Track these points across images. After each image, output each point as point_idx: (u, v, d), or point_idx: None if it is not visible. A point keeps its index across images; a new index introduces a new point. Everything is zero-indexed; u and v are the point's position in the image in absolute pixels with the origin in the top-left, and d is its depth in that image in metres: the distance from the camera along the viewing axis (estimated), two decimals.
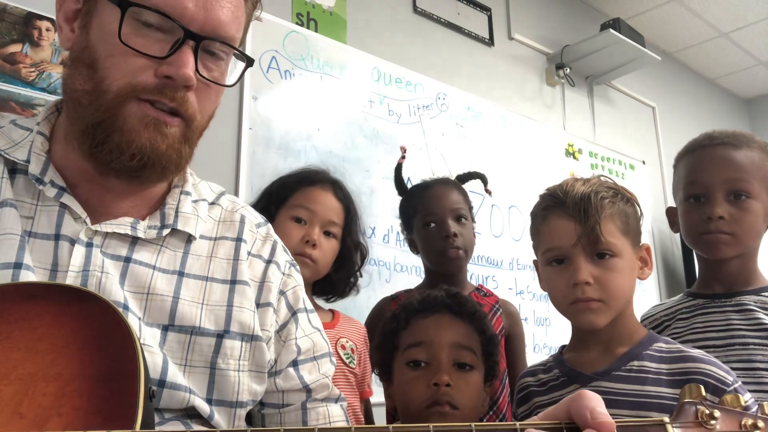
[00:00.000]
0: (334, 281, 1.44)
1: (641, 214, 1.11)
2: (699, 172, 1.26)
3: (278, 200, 1.40)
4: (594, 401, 0.57)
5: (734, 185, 1.21)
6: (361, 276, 1.51)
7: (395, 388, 1.12)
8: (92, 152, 0.73)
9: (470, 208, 1.64)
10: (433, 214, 1.57)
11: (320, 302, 1.51)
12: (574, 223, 1.04)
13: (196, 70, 0.73)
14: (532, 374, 1.15)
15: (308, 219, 1.37)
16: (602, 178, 1.13)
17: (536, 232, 1.13)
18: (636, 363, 1.02)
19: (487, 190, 1.81)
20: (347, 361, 1.39)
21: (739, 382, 0.97)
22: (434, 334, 1.10)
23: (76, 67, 0.74)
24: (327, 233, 1.38)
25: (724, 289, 1.26)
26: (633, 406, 0.98)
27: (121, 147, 0.72)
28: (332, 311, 1.49)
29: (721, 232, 1.21)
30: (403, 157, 1.85)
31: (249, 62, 0.82)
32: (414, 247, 1.65)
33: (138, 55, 0.71)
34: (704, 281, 1.30)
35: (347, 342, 1.42)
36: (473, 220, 1.65)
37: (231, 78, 0.81)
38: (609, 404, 0.98)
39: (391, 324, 1.17)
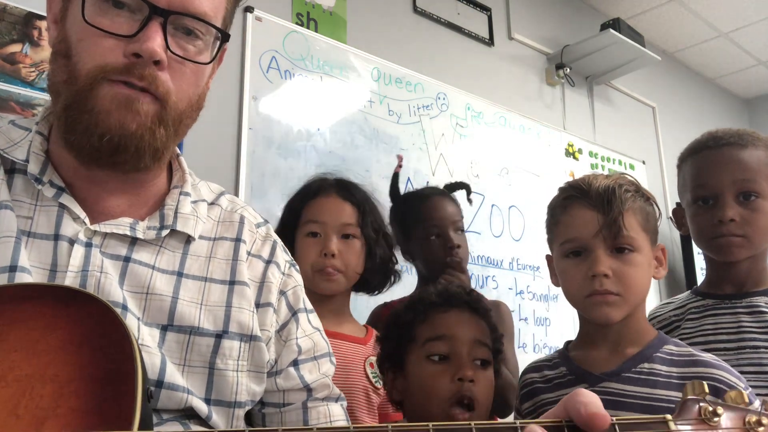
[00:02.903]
0: (367, 278, 1.41)
1: (660, 214, 1.11)
2: (706, 174, 1.24)
3: (292, 225, 1.39)
4: (588, 397, 0.57)
5: (743, 186, 1.20)
6: (397, 262, 1.49)
7: (411, 381, 1.11)
8: (67, 137, 0.73)
9: (462, 218, 1.67)
10: (435, 226, 1.58)
11: (362, 300, 1.48)
12: (596, 214, 1.03)
13: (168, 48, 0.72)
14: (537, 370, 1.15)
15: (321, 231, 1.35)
16: (626, 175, 1.13)
17: (555, 223, 1.11)
18: (646, 365, 1.01)
19: (468, 200, 1.83)
20: (374, 380, 1.35)
21: (750, 389, 0.96)
22: (456, 329, 1.10)
23: (55, 60, 0.75)
24: (345, 236, 1.36)
25: (734, 290, 1.24)
26: (642, 409, 0.97)
27: (90, 128, 0.71)
28: (366, 327, 1.46)
29: (734, 234, 1.20)
30: (400, 166, 1.86)
31: (225, 38, 0.80)
32: (409, 255, 1.64)
33: (106, 35, 0.70)
34: (713, 281, 1.29)
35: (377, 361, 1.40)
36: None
37: (208, 58, 0.78)
38: (618, 406, 0.99)
39: (406, 315, 1.16)
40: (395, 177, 1.78)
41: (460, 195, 1.79)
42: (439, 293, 1.16)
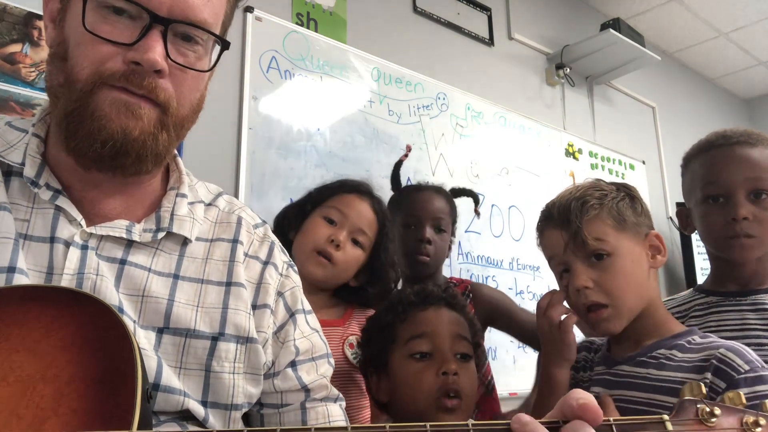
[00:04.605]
0: (370, 295, 1.41)
1: (641, 204, 1.12)
2: (718, 172, 1.23)
3: (316, 201, 1.41)
4: (580, 394, 0.58)
5: (755, 184, 1.19)
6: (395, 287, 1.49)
7: (396, 381, 1.12)
8: (67, 143, 0.73)
9: (453, 221, 1.65)
10: (414, 216, 1.59)
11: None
12: (560, 232, 1.08)
13: (168, 55, 0.72)
14: (579, 350, 1.18)
15: (339, 221, 1.36)
16: (598, 180, 1.15)
17: (540, 246, 1.17)
18: (663, 351, 1.03)
19: (476, 211, 1.82)
20: (354, 361, 1.34)
21: (760, 373, 0.95)
22: (436, 326, 1.13)
23: (53, 62, 0.74)
24: (354, 241, 1.37)
25: (739, 288, 1.24)
26: (647, 389, 0.99)
27: (93, 134, 0.71)
28: (345, 306, 1.45)
29: (747, 235, 1.19)
30: (406, 156, 1.85)
31: (225, 46, 0.80)
32: None
33: (105, 42, 0.70)
34: (718, 279, 1.29)
35: (357, 340, 1.37)
36: (453, 234, 1.66)
37: (207, 64, 0.78)
38: (625, 386, 1.02)
39: (386, 317, 1.18)
40: (398, 165, 1.77)
41: (464, 202, 1.77)
42: (417, 293, 1.19)
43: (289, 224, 1.38)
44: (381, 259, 1.41)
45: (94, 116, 0.71)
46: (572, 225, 1.05)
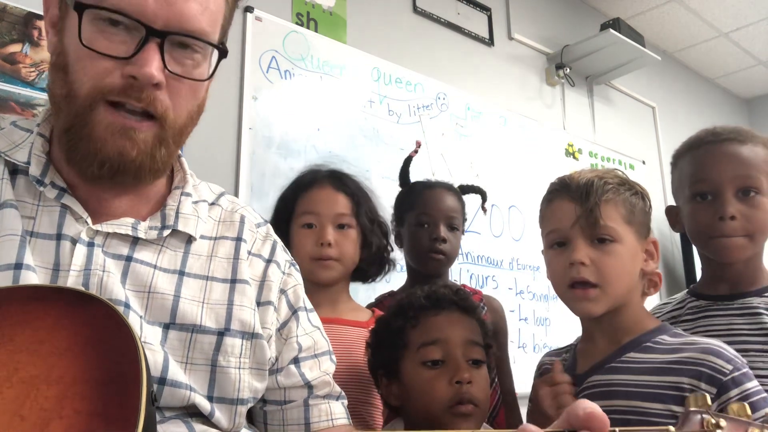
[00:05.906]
0: (363, 267, 1.42)
1: (650, 207, 1.11)
2: (706, 168, 1.21)
3: (286, 216, 1.40)
4: (585, 404, 0.58)
5: (744, 182, 1.18)
6: (392, 250, 1.50)
7: (408, 388, 1.11)
8: (68, 157, 0.74)
9: (464, 219, 1.66)
10: (427, 215, 1.58)
11: (359, 290, 1.48)
12: (575, 205, 1.06)
13: (165, 66, 0.72)
14: (553, 355, 1.19)
15: (317, 222, 1.36)
16: (616, 170, 1.14)
17: (542, 216, 1.15)
18: (633, 354, 1.02)
19: (483, 208, 1.81)
20: None
21: (743, 370, 0.95)
22: (448, 332, 1.11)
23: (55, 71, 0.75)
24: (341, 226, 1.37)
25: (729, 290, 1.22)
26: (625, 396, 0.99)
27: (90, 155, 0.72)
28: (372, 310, 1.46)
29: (735, 235, 1.17)
30: (416, 151, 1.84)
31: (222, 53, 0.79)
32: (399, 241, 1.64)
33: (103, 57, 0.70)
34: (709, 281, 1.27)
35: None
36: (463, 232, 1.66)
37: (206, 70, 0.78)
38: (604, 396, 1.01)
39: (397, 321, 1.15)
40: (408, 160, 1.76)
41: (472, 199, 1.77)
42: (427, 296, 1.16)
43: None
44: (365, 223, 1.40)
45: (91, 138, 0.71)
46: (590, 201, 1.04)
